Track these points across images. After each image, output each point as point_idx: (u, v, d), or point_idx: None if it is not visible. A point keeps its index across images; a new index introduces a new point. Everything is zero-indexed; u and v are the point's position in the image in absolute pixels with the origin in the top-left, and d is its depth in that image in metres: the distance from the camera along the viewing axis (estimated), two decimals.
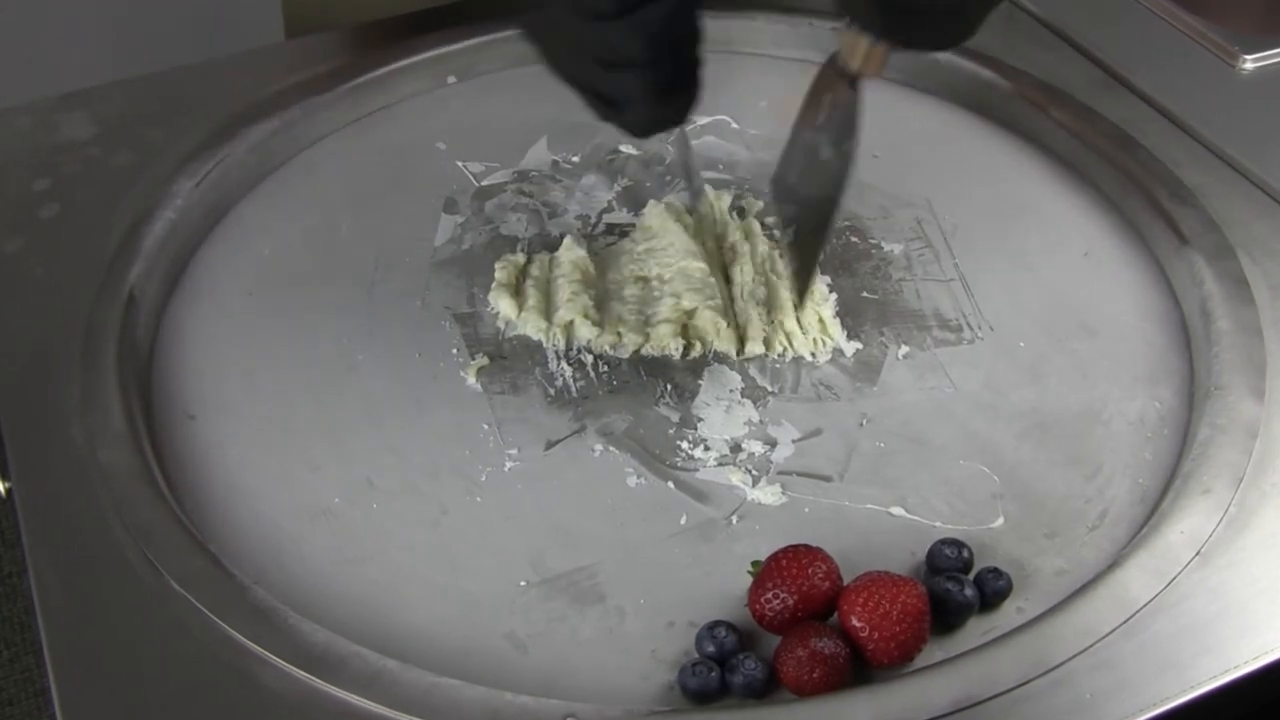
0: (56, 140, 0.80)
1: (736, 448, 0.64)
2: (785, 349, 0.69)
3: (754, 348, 0.68)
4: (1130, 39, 0.88)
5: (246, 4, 1.25)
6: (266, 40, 0.92)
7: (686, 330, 0.69)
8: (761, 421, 0.65)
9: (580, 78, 0.58)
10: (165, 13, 1.47)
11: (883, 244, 0.76)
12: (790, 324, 0.69)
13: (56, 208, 0.75)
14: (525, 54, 0.61)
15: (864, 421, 0.65)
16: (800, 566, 0.55)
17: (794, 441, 0.64)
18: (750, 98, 0.63)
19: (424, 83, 0.86)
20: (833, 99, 0.62)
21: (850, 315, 0.71)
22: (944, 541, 0.58)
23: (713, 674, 0.53)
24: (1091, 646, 0.54)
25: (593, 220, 0.77)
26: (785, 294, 0.70)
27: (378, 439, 0.64)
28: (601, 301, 0.70)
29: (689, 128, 0.83)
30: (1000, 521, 0.61)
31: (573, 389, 0.67)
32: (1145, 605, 0.55)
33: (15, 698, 0.96)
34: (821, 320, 0.70)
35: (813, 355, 0.68)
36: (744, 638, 0.55)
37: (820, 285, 0.71)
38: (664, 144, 0.81)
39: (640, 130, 0.60)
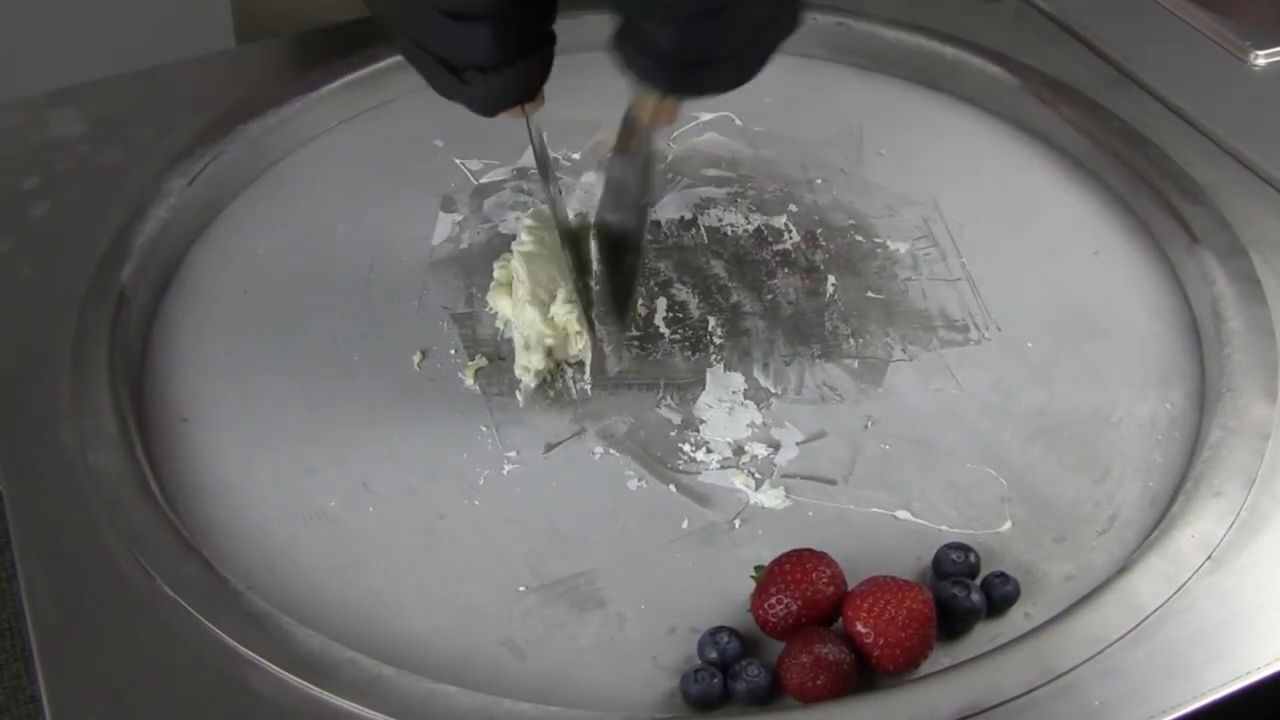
0: (46, 138, 0.79)
1: (739, 450, 0.63)
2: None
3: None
4: (1140, 35, 0.87)
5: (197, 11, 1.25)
6: (214, 47, 0.91)
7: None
8: (765, 424, 0.65)
9: (422, 38, 0.54)
10: (153, 11, 1.47)
11: (888, 243, 0.75)
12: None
13: (46, 206, 0.74)
14: None
15: (869, 424, 0.65)
16: (804, 571, 0.54)
17: (798, 444, 0.64)
18: (754, 94, 0.62)
19: (421, 79, 0.85)
20: (636, 146, 0.61)
21: (855, 315, 0.70)
22: (950, 546, 0.57)
23: (715, 681, 0.52)
24: (1100, 653, 0.53)
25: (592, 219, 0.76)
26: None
27: (374, 442, 0.63)
28: None
29: (693, 123, 0.82)
30: (1008, 525, 0.60)
31: (573, 390, 0.66)
32: (1155, 611, 0.55)
33: (5, 705, 0.95)
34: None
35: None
36: (747, 644, 0.54)
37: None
38: (666, 141, 0.80)
39: (488, 103, 0.55)
